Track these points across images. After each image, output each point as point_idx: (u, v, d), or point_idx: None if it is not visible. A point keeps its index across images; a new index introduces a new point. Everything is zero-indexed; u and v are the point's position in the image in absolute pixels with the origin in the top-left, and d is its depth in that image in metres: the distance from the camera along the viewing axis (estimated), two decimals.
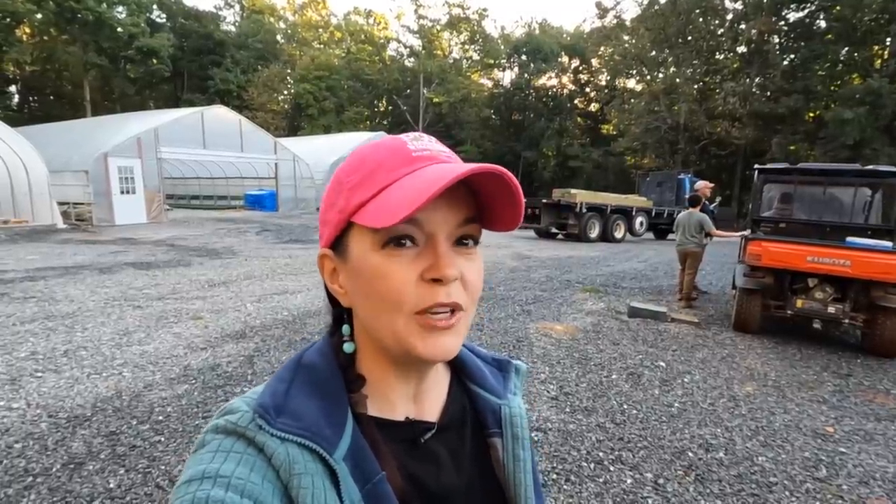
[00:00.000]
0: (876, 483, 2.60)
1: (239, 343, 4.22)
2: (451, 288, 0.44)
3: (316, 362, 0.49)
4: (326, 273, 0.50)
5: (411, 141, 0.47)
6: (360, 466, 0.43)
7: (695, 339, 5.09)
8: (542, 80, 41.71)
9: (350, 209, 0.44)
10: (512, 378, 0.60)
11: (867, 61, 27.12)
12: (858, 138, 22.97)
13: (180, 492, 0.38)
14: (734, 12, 30.20)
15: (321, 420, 0.43)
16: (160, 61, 35.08)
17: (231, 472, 0.39)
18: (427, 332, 0.44)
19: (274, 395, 0.44)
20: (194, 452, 0.42)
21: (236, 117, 18.01)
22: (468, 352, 0.60)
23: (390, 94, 42.11)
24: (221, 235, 12.05)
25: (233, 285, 6.47)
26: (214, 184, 24.28)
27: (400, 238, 0.43)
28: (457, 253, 0.45)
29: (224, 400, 3.12)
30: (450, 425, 0.53)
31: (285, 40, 45.32)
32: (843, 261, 4.57)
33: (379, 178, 0.44)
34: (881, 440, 3.10)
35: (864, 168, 5.80)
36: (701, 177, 19.21)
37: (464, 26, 42.18)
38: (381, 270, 0.43)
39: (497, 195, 0.45)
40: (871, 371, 4.40)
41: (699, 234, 6.37)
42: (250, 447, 0.41)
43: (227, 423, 0.42)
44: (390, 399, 0.50)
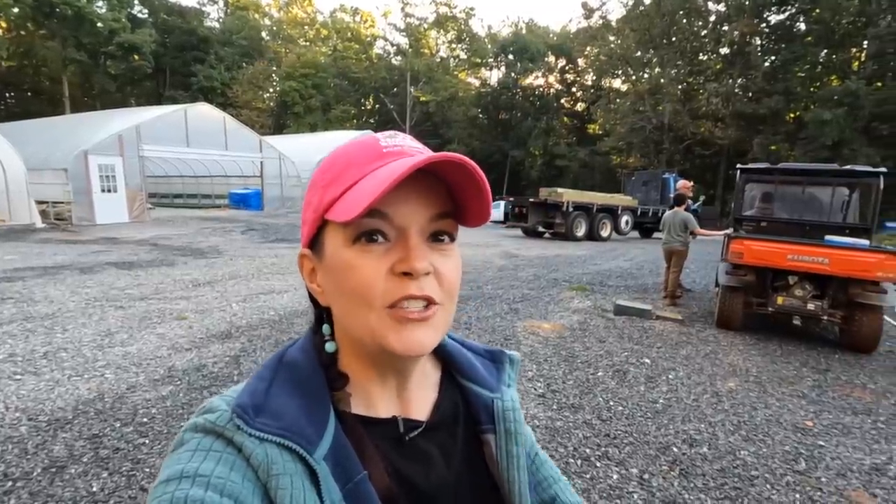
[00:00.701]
0: (853, 475, 2.67)
1: (225, 343, 4.17)
2: (423, 282, 0.43)
3: (298, 360, 0.48)
4: (306, 272, 0.50)
5: (384, 138, 0.47)
6: (342, 466, 0.43)
7: (679, 336, 5.17)
8: (528, 80, 41.92)
9: (323, 207, 0.45)
10: (506, 369, 0.59)
11: (845, 63, 27.75)
12: (837, 139, 23.49)
13: (158, 491, 0.37)
14: (717, 14, 30.68)
15: (302, 419, 0.43)
16: (142, 57, 34.49)
17: (210, 472, 0.38)
18: (400, 325, 0.43)
19: (253, 395, 0.44)
20: (172, 451, 0.41)
21: (220, 115, 17.78)
22: (458, 345, 0.59)
23: (377, 92, 41.95)
24: (206, 235, 11.90)
25: (218, 285, 6.40)
26: (198, 182, 23.94)
27: (371, 233, 0.43)
28: (431, 248, 0.45)
29: None
30: (441, 423, 0.52)
31: (270, 37, 44.88)
32: (822, 259, 4.67)
33: (349, 174, 0.44)
34: (858, 433, 3.18)
35: (841, 168, 5.94)
36: (685, 176, 19.52)
37: (451, 25, 42.18)
38: (351, 265, 0.43)
39: (464, 188, 0.44)
40: (848, 366, 4.51)
41: (684, 233, 6.46)
42: (229, 447, 0.41)
43: (205, 422, 0.42)
44: (373, 397, 0.50)
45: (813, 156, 23.05)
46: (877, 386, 4.03)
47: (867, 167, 5.88)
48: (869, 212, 5.81)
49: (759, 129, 27.28)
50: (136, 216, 14.23)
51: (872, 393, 3.88)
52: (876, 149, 23.16)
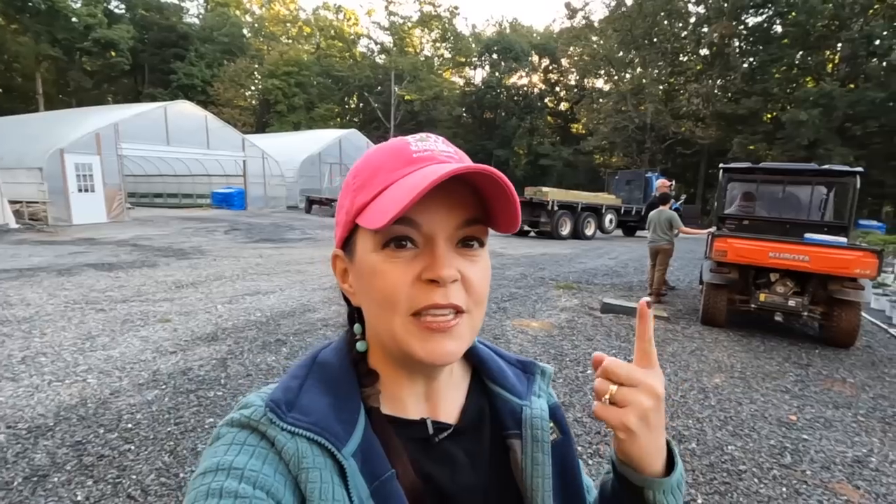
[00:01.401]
0: (836, 468, 2.74)
1: (211, 346, 4.10)
2: (450, 289, 0.44)
3: (330, 360, 0.50)
4: (338, 273, 0.52)
5: (416, 142, 0.47)
6: (370, 463, 0.44)
7: (665, 333, 5.24)
8: (513, 79, 42.09)
9: (354, 211, 0.46)
10: (537, 380, 0.59)
11: (820, 65, 28.46)
12: (813, 139, 24.10)
13: (196, 483, 0.39)
14: (697, 16, 31.19)
15: (331, 416, 0.44)
16: (119, 54, 33.71)
17: (244, 465, 0.40)
18: (426, 335, 0.44)
19: (286, 391, 0.45)
20: (210, 445, 0.43)
21: (202, 113, 17.49)
22: (490, 352, 0.59)
23: (361, 90, 41.69)
24: (188, 235, 11.69)
25: (202, 286, 6.29)
26: (179, 181, 23.51)
27: (399, 239, 0.44)
28: (459, 255, 0.45)
29: (198, 405, 3.03)
30: (467, 427, 0.53)
31: (252, 34, 44.22)
32: (803, 256, 4.78)
33: (379, 179, 0.45)
34: (839, 426, 3.26)
35: (819, 167, 6.08)
36: (667, 175, 19.83)
37: (435, 24, 42.10)
38: (378, 270, 0.44)
39: (494, 196, 0.45)
40: (828, 361, 4.62)
41: (670, 232, 6.55)
42: (263, 440, 0.42)
43: (241, 417, 0.44)
44: (402, 398, 0.50)
45: (790, 155, 23.61)
46: (856, 380, 4.14)
47: (844, 167, 6.03)
48: (846, 210, 5.96)
49: (739, 129, 27.83)
50: (115, 216, 13.91)
51: (852, 386, 3.98)
52: (849, 148, 23.83)
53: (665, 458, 0.48)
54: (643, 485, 0.47)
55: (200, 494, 0.38)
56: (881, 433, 3.19)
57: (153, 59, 37.98)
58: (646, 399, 0.44)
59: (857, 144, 24.49)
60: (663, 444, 0.48)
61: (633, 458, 0.46)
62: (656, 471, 0.47)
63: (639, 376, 0.45)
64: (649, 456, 0.46)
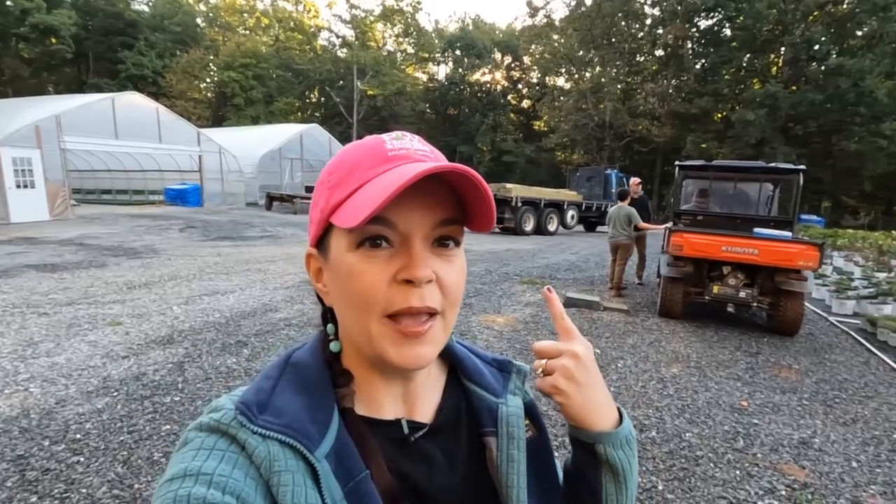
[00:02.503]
0: (784, 450, 2.90)
1: (166, 349, 3.92)
2: (426, 290, 0.43)
3: (304, 361, 0.49)
4: (312, 272, 0.51)
5: (391, 140, 0.47)
6: (344, 464, 0.43)
7: (625, 326, 5.40)
8: (476, 76, 42.25)
9: (329, 209, 0.45)
10: (513, 378, 0.59)
11: (766, 68, 29.99)
12: (759, 138, 25.39)
13: (162, 490, 0.38)
14: (653, 17, 32.21)
15: (304, 417, 0.43)
16: (60, 41, 31.66)
17: (213, 470, 0.39)
18: (400, 340, 0.44)
19: (258, 393, 0.45)
20: (177, 451, 0.42)
21: (153, 105, 16.69)
22: (467, 351, 0.59)
23: (322, 84, 40.84)
24: (140, 233, 11.14)
25: (156, 287, 6.01)
26: (129, 177, 22.37)
27: (375, 238, 0.43)
28: (435, 254, 0.45)
29: (153, 412, 2.89)
30: (444, 425, 0.53)
31: (207, 24, 42.51)
32: (752, 250, 5.02)
33: (354, 177, 0.44)
34: (786, 410, 3.45)
35: (767, 165, 6.41)
36: (624, 172, 20.41)
37: (397, 18, 41.69)
38: (353, 270, 0.44)
39: (470, 195, 0.45)
40: (776, 349, 4.88)
41: (629, 227, 6.75)
42: (233, 444, 0.41)
43: (210, 421, 0.42)
44: (378, 399, 0.50)
45: (739, 153, 24.80)
46: (800, 366, 4.40)
47: (789, 165, 6.38)
48: (790, 206, 6.31)
49: (692, 128, 28.99)
50: (59, 213, 13.11)
51: (797, 372, 4.23)
52: (792, 147, 25.26)
53: (616, 418, 0.52)
54: (592, 440, 0.50)
55: (167, 501, 0.37)
56: (823, 415, 3.40)
57: (98, 48, 35.88)
58: (567, 361, 0.49)
59: (798, 143, 26.00)
60: (603, 400, 0.51)
61: (576, 416, 0.50)
62: (605, 427, 0.50)
63: (561, 346, 0.51)
64: (590, 412, 0.50)
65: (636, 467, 0.52)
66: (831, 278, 8.28)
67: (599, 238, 14.72)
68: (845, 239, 14.42)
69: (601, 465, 0.51)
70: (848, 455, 2.87)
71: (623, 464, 0.50)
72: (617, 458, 0.50)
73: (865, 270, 9.11)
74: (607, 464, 0.50)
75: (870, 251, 11.69)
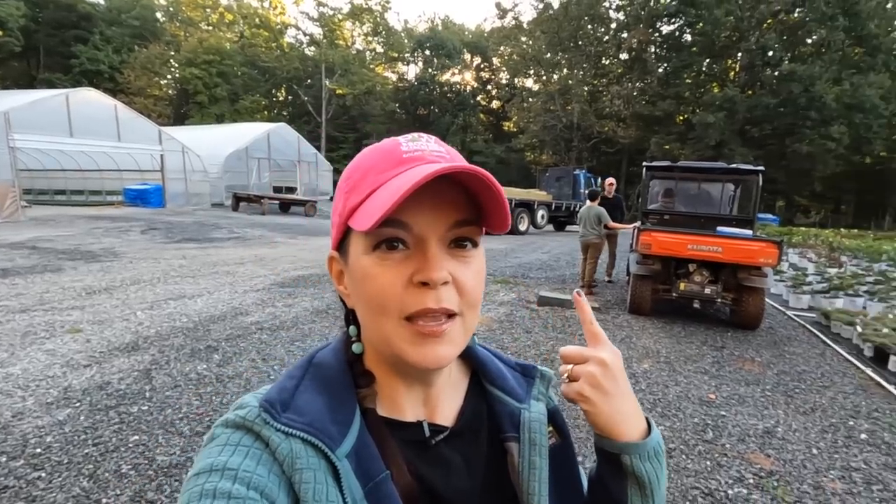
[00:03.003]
0: (751, 440, 3.02)
1: (131, 356, 3.77)
2: (442, 292, 0.43)
3: (327, 361, 0.50)
4: (334, 275, 0.52)
5: (406, 142, 0.47)
6: (365, 464, 0.43)
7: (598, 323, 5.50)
8: (446, 76, 42.33)
9: (346, 213, 0.45)
10: (536, 384, 0.58)
11: (724, 73, 31.21)
12: (719, 139, 26.40)
13: (189, 484, 0.39)
14: (617, 22, 33.06)
15: (326, 417, 0.44)
16: (7, 33, 29.98)
17: (238, 465, 0.40)
18: (418, 340, 0.44)
19: (281, 391, 0.46)
20: (205, 446, 0.43)
21: (111, 102, 16.00)
22: (490, 355, 0.59)
23: (290, 83, 40.11)
24: (98, 235, 10.66)
25: (117, 292, 5.76)
26: (85, 177, 21.37)
27: (390, 240, 0.43)
28: (452, 256, 0.45)
29: (119, 422, 2.77)
30: (464, 429, 0.52)
31: (167, 19, 41.06)
32: (716, 248, 5.22)
33: (369, 181, 0.45)
34: (751, 402, 3.60)
35: (729, 166, 6.66)
36: (592, 172, 20.84)
37: (366, 17, 41.36)
38: (369, 273, 0.44)
39: (483, 195, 0.45)
40: (739, 342, 5.09)
41: (598, 227, 6.90)
42: (257, 441, 0.42)
43: (236, 418, 0.43)
44: (399, 401, 0.50)
45: (700, 154, 25.73)
46: (762, 358, 4.59)
47: (749, 165, 6.65)
48: (750, 205, 6.59)
49: (656, 130, 29.90)
50: (8, 215, 12.40)
51: (760, 365, 4.41)
52: (749, 149, 26.38)
53: (644, 428, 0.51)
54: (618, 451, 0.49)
55: (194, 495, 0.38)
56: (784, 405, 3.56)
57: (50, 41, 34.15)
58: (593, 368, 0.49)
59: (755, 145, 27.17)
60: (631, 410, 0.50)
61: (601, 424, 0.49)
62: (632, 437, 0.49)
63: (587, 352, 0.50)
64: (617, 422, 0.49)
65: (664, 481, 0.51)
66: (788, 274, 8.68)
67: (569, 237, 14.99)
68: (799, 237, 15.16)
69: (627, 476, 0.50)
70: (808, 443, 3.01)
71: (650, 476, 0.49)
72: (644, 470, 0.49)
73: (818, 266, 9.60)
74: (633, 475, 0.49)
75: (822, 248, 12.32)
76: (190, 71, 34.03)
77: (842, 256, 11.12)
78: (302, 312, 5.20)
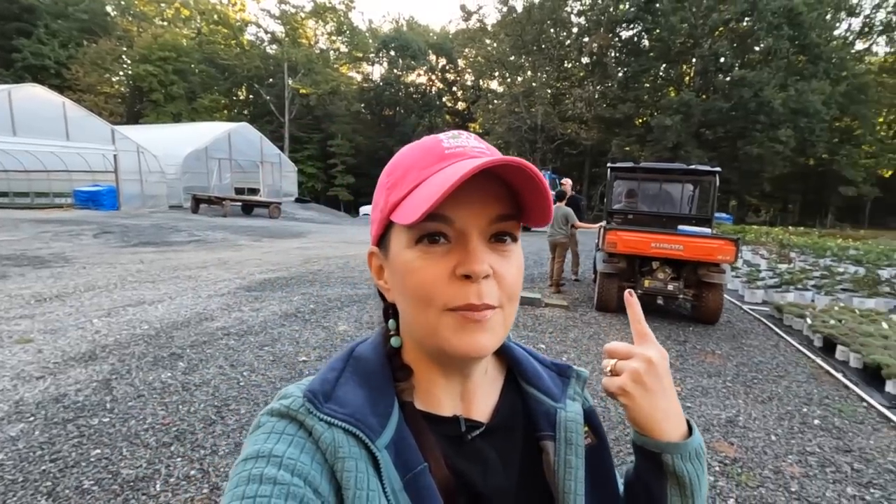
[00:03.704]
0: (715, 429, 3.15)
1: (89, 366, 3.58)
2: (483, 286, 0.44)
3: (366, 354, 0.51)
4: (374, 270, 0.53)
5: (448, 139, 0.48)
6: (403, 456, 0.45)
7: (566, 321, 5.63)
8: (411, 77, 42.23)
9: (388, 208, 0.47)
10: (572, 384, 0.59)
11: (680, 77, 32.46)
12: (676, 142, 27.41)
13: (238, 469, 0.41)
14: (579, 26, 33.82)
15: (367, 409, 0.45)
16: None
17: (283, 453, 0.41)
18: (460, 327, 0.45)
19: (324, 383, 0.47)
20: (251, 433, 0.45)
21: (59, 99, 15.17)
22: (526, 354, 0.59)
23: (251, 82, 39.04)
24: (46, 240, 10.08)
25: (70, 299, 5.47)
26: (30, 178, 20.15)
27: (433, 234, 0.45)
28: (492, 250, 0.46)
29: (79, 435, 2.63)
30: (500, 426, 0.53)
31: (118, 13, 39.21)
32: (678, 246, 5.42)
33: (412, 176, 0.46)
34: (713, 393, 3.76)
35: (688, 167, 6.93)
36: (557, 173, 21.28)
37: (330, 16, 40.77)
38: (413, 266, 0.45)
39: (526, 189, 0.45)
40: (701, 336, 5.30)
41: (566, 226, 7.04)
42: (301, 430, 0.44)
43: (280, 407, 0.45)
44: (436, 395, 0.51)
45: (658, 156, 26.64)
46: (723, 351, 4.80)
47: (706, 167, 6.94)
48: (708, 204, 6.87)
49: (616, 132, 30.78)
50: None
51: (720, 357, 4.61)
52: (704, 150, 27.52)
53: (685, 430, 0.51)
54: (659, 450, 0.49)
55: (242, 479, 0.39)
56: (744, 395, 3.74)
57: None
58: (638, 364, 0.50)
59: (709, 147, 28.38)
60: (673, 410, 0.50)
61: (642, 422, 0.50)
62: (673, 437, 0.50)
63: (633, 349, 0.52)
64: (657, 420, 0.49)
65: (706, 482, 0.52)
66: (743, 270, 9.11)
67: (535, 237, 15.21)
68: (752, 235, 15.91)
69: (667, 476, 0.50)
70: (767, 430, 3.17)
71: (692, 477, 0.50)
72: (686, 470, 0.49)
73: (770, 263, 10.12)
74: (674, 475, 0.50)
75: (773, 245, 12.99)
76: (144, 68, 32.61)
77: (791, 253, 11.76)
78: (270, 316, 5.08)
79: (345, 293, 6.28)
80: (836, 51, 30.33)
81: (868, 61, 34.34)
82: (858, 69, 31.30)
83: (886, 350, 4.33)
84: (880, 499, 2.47)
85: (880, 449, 2.99)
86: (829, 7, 29.65)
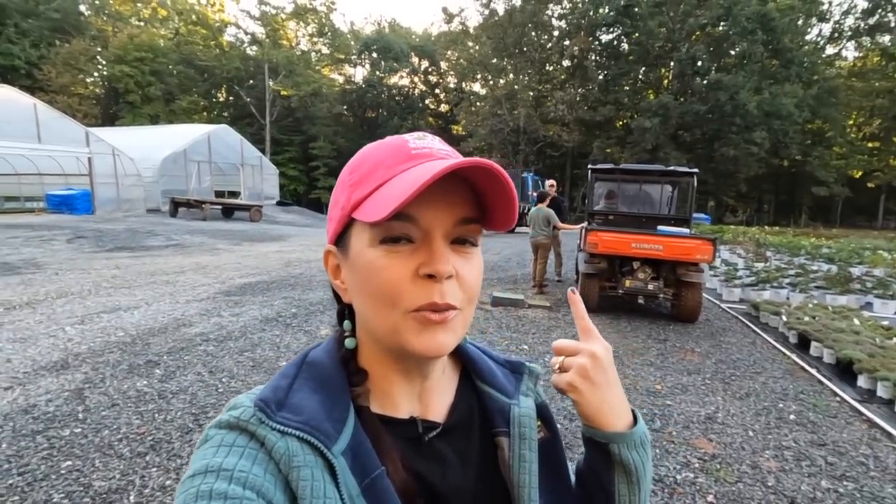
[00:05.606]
0: (694, 426, 3.20)
1: (60, 375, 3.47)
2: (446, 286, 0.44)
3: (320, 359, 0.50)
4: (330, 269, 0.52)
5: (414, 139, 0.48)
6: (360, 461, 0.44)
7: (549, 321, 5.66)
8: (394, 79, 42.14)
9: (350, 206, 0.46)
10: (525, 380, 0.60)
11: (658, 80, 33.03)
12: (655, 143, 27.88)
13: (185, 486, 0.39)
14: (560, 30, 34.20)
15: (321, 415, 0.44)
16: None
17: (234, 466, 0.39)
18: (422, 327, 0.44)
19: (275, 390, 0.46)
20: (198, 448, 0.43)
21: (30, 101, 14.72)
22: (479, 352, 0.60)
23: (230, 83, 38.51)
24: (16, 245, 9.77)
25: (41, 306, 5.30)
26: None
27: (397, 235, 0.44)
28: (454, 252, 0.46)
29: (49, 447, 2.54)
30: (457, 425, 0.53)
31: (93, 12, 38.31)
32: (657, 246, 5.50)
33: (378, 174, 0.45)
34: (693, 390, 3.81)
35: (667, 168, 7.05)
36: (539, 174, 21.43)
37: (311, 17, 40.47)
38: (376, 265, 0.44)
39: (492, 192, 0.45)
40: (680, 335, 5.38)
41: (548, 227, 7.09)
42: (252, 441, 0.42)
43: (229, 418, 0.43)
44: (393, 397, 0.51)
45: (637, 158, 27.07)
46: (701, 349, 4.88)
47: (684, 168, 7.06)
48: (686, 205, 6.99)
49: (597, 134, 31.17)
50: None
51: (699, 355, 4.68)
52: (682, 152, 28.06)
53: (630, 420, 0.53)
54: (607, 440, 0.51)
55: (190, 497, 0.37)
56: (723, 392, 3.80)
57: None
58: (584, 359, 0.51)
59: (686, 149, 28.94)
60: (618, 401, 0.52)
61: (590, 415, 0.51)
62: (619, 427, 0.52)
63: (579, 345, 0.53)
64: (604, 413, 0.51)
65: (650, 469, 0.54)
66: (720, 269, 9.29)
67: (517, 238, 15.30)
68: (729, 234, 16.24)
69: (615, 465, 0.52)
70: (745, 426, 3.23)
71: (637, 464, 0.52)
72: (631, 458, 0.51)
73: (747, 261, 10.34)
74: (621, 464, 0.52)
75: (749, 244, 13.28)
76: (120, 69, 31.89)
77: (767, 252, 12.03)
78: (250, 321, 5.00)
79: (327, 296, 6.22)
80: (807, 55, 31.25)
81: (838, 66, 35.48)
82: (829, 73, 32.33)
83: (858, 345, 4.46)
84: (853, 491, 2.53)
85: (853, 442, 3.07)
86: (800, 13, 30.53)
